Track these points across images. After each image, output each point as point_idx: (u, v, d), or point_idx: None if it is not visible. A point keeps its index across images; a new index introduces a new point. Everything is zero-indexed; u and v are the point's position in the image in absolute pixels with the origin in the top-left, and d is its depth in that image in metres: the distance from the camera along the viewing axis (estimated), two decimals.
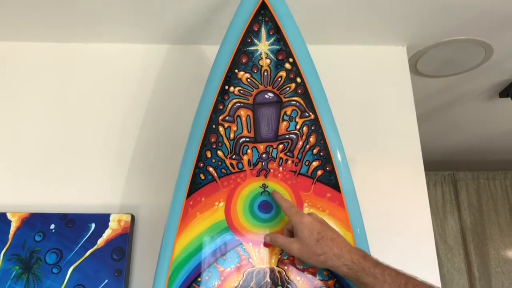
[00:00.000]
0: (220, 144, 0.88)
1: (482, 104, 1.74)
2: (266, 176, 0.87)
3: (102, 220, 1.03)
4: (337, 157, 0.88)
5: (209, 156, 0.87)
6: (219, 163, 0.87)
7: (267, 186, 0.86)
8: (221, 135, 0.88)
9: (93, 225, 1.03)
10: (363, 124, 1.20)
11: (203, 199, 0.85)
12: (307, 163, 0.87)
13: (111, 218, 1.03)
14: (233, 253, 0.83)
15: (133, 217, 1.05)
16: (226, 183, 0.86)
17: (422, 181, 1.17)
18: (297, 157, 0.87)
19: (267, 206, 0.85)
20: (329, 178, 0.86)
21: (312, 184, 0.86)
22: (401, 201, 1.13)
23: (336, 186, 0.86)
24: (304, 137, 0.88)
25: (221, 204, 0.85)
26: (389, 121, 1.23)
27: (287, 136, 0.88)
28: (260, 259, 0.83)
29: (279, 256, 0.83)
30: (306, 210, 0.85)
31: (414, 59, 1.41)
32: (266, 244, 0.83)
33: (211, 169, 0.87)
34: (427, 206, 1.14)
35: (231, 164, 0.87)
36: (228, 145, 0.88)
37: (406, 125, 1.24)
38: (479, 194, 2.23)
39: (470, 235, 2.20)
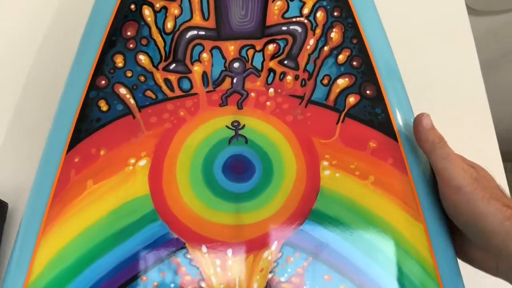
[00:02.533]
0: (144, 42, 0.43)
1: None
2: (240, 106, 0.42)
3: None
4: (386, 69, 0.43)
5: (120, 64, 0.42)
6: (141, 78, 0.42)
7: (243, 126, 0.41)
8: (147, 24, 0.43)
9: None
10: (410, 63, 0.76)
11: (102, 151, 0.40)
12: (326, 81, 0.43)
13: None
14: (166, 268, 0.37)
15: (3, 207, 0.59)
16: (155, 120, 0.41)
17: (492, 139, 0.73)
18: (305, 69, 0.43)
19: (243, 167, 0.40)
20: (371, 112, 0.42)
21: (337, 122, 0.42)
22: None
23: (387, 127, 0.42)
24: (319, 31, 0.44)
25: (143, 162, 0.40)
26: (444, 64, 0.79)
27: (283, 29, 0.44)
28: (224, 279, 0.37)
29: (269, 276, 0.37)
30: (326, 175, 0.40)
31: None
32: (236, 247, 0.38)
33: (123, 90, 0.41)
34: (502, 171, 0.70)
35: (167, 81, 0.42)
36: (161, 44, 0.43)
37: (465, 67, 0.81)
38: None
39: None
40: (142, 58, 0.43)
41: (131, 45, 0.43)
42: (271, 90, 0.43)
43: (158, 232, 0.38)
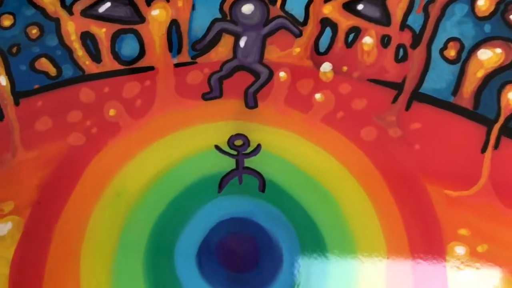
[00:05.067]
0: None
1: None
2: (251, 102, 0.17)
3: None
4: None
5: None
6: (33, 31, 0.19)
7: (256, 148, 0.17)
8: None
9: None
10: None
11: None
12: (453, 53, 0.18)
13: None
14: None
15: None
16: (49, 125, 0.17)
17: None
18: (403, 24, 0.19)
19: (251, 250, 0.16)
20: None
21: (484, 148, 0.17)
22: None
23: None
24: None
25: (4, 227, 0.16)
26: None
27: None
28: None
29: None
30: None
31: None
32: None
33: None
34: None
35: (88, 38, 0.18)
36: None
37: None
38: None
39: None
40: None
41: None
42: (327, 66, 0.19)
43: None
